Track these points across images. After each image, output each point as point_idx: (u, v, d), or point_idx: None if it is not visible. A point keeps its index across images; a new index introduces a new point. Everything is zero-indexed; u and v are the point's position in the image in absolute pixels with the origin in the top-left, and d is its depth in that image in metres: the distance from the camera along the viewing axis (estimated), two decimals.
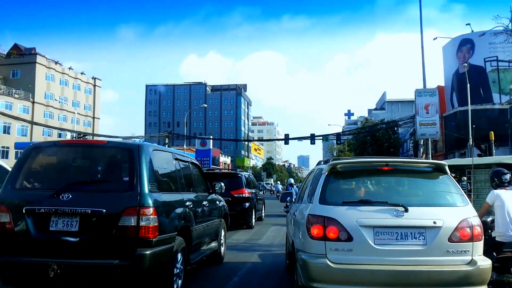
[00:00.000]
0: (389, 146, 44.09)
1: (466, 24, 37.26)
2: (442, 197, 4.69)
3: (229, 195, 12.39)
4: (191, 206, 6.21)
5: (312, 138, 40.96)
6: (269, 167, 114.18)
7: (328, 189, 4.72)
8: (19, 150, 58.76)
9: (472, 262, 4.26)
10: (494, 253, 5.29)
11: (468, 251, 4.29)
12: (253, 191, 15.88)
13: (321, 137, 43.82)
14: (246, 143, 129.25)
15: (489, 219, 5.74)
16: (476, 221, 4.43)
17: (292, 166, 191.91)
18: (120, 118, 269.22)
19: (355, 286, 4.28)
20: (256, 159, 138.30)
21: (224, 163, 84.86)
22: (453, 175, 11.54)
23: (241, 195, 14.24)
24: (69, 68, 76.20)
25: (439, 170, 4.89)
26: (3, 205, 4.90)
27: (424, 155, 31.84)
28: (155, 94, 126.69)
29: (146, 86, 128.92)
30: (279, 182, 67.56)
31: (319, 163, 6.12)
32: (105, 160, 5.52)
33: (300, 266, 4.64)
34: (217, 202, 8.09)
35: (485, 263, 4.31)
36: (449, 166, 5.05)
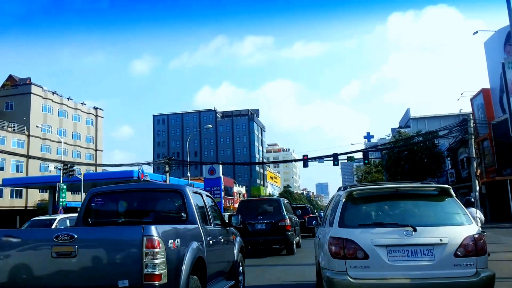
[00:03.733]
0: (430, 161, 40.45)
1: None
2: (448, 217, 5.79)
3: (302, 218, 22.95)
4: (293, 219, 18.12)
5: (335, 158, 37.75)
6: (287, 195, 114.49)
7: (346, 214, 5.91)
8: (8, 187, 56.30)
9: (476, 274, 5.31)
10: None
11: (473, 264, 5.35)
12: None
13: (345, 157, 39.93)
14: (262, 171, 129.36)
15: None
16: (479, 237, 5.49)
17: (311, 194, 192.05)
18: (135, 153, 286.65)
19: None
20: (273, 188, 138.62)
21: (239, 193, 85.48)
22: None
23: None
24: (68, 98, 76.73)
25: (445, 193, 6.01)
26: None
27: (478, 171, 29.38)
28: (163, 124, 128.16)
29: (154, 116, 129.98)
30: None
31: (339, 189, 7.33)
32: (270, 204, 17.78)
33: (325, 282, 5.81)
34: (296, 218, 19.24)
35: (488, 274, 5.34)
36: None
